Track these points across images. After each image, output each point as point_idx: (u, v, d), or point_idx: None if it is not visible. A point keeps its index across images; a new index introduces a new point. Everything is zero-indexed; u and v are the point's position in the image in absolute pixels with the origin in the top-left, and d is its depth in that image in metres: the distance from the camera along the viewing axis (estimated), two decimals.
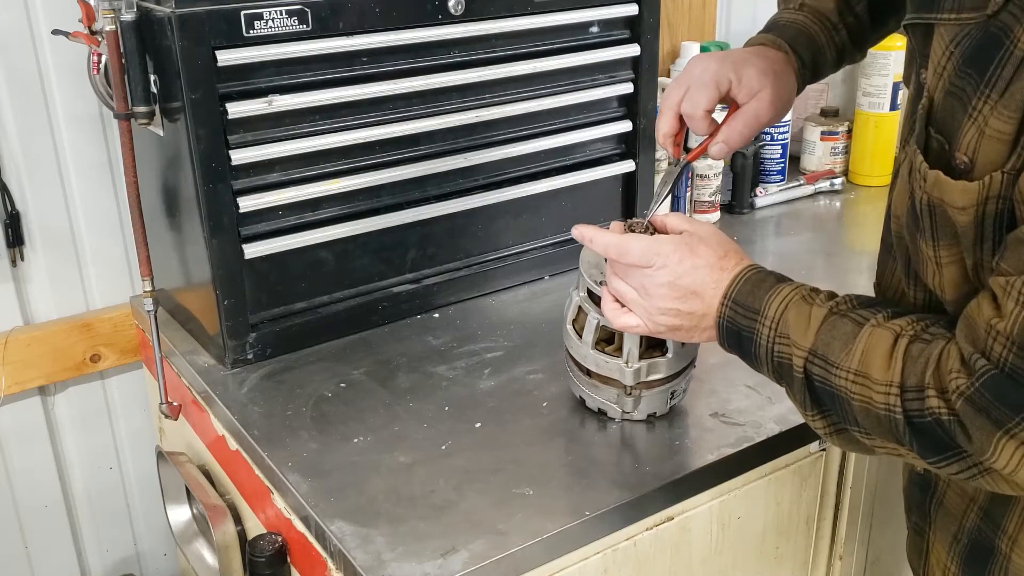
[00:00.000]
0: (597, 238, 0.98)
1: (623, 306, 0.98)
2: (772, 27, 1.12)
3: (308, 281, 1.29)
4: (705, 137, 1.05)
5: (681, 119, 1.06)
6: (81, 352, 1.50)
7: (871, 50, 1.84)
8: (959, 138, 0.75)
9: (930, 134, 0.79)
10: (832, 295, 0.87)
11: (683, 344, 1.06)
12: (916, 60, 0.85)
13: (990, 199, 0.74)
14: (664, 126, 1.07)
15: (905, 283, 0.90)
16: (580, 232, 0.99)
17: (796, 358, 0.84)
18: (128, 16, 1.12)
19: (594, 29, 1.42)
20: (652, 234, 0.98)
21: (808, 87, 1.29)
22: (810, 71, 1.09)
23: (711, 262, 0.93)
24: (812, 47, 1.09)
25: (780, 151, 1.87)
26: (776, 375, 0.88)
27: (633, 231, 1.00)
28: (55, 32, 1.23)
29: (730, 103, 1.06)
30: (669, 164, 1.09)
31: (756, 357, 0.89)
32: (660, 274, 0.93)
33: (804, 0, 1.12)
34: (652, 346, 1.07)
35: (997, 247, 0.75)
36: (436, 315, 1.39)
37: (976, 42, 0.74)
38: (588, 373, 1.10)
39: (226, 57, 1.12)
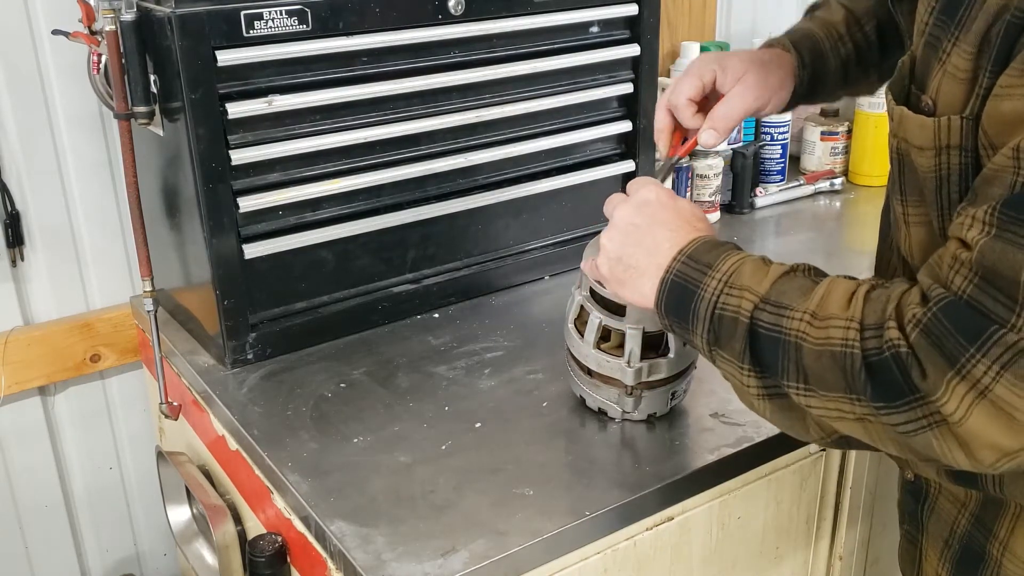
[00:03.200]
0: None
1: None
2: (781, 35, 1.13)
3: (308, 281, 1.29)
4: (696, 130, 1.06)
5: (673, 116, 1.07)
6: (81, 352, 1.50)
7: None
8: (929, 83, 0.76)
9: (911, 90, 0.80)
10: (788, 264, 0.84)
11: (685, 344, 1.06)
12: (907, 45, 0.86)
13: (951, 148, 0.74)
14: (657, 122, 1.08)
15: (901, 271, 0.89)
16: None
17: (745, 302, 0.80)
18: (128, 16, 1.12)
19: (594, 29, 1.42)
20: None
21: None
22: (809, 71, 1.08)
23: (681, 213, 0.91)
24: (814, 50, 1.09)
25: (780, 151, 1.87)
26: (712, 336, 0.83)
27: None
28: (55, 32, 1.23)
29: (719, 95, 1.06)
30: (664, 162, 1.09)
31: (695, 314, 0.84)
32: (630, 201, 0.92)
33: (816, 12, 1.13)
34: (654, 346, 1.07)
35: None
36: (436, 315, 1.39)
37: None
38: (589, 372, 1.10)
39: (226, 57, 1.12)
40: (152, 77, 1.17)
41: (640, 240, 0.90)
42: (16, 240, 1.42)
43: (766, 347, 0.79)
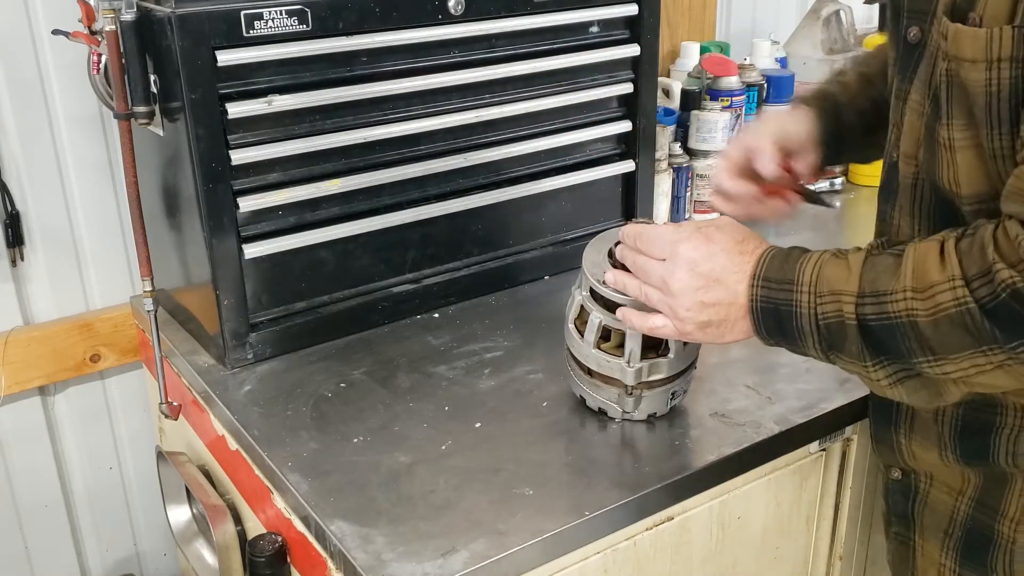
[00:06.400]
0: (625, 228, 0.99)
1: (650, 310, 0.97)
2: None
3: (308, 281, 1.29)
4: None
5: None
6: (81, 352, 1.50)
7: (871, 50, 1.85)
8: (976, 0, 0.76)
9: (956, 5, 0.79)
10: (860, 248, 0.85)
11: (684, 344, 1.06)
12: (901, 20, 0.87)
13: (1001, 61, 0.73)
14: (734, 187, 1.09)
15: (905, 228, 0.90)
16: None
17: (846, 307, 0.81)
18: (128, 16, 1.12)
19: (594, 29, 1.42)
20: None
21: (808, 87, 1.28)
22: (832, 120, 1.11)
23: (728, 247, 0.91)
24: (829, 102, 1.12)
25: None
26: (826, 344, 0.84)
27: None
28: (55, 32, 1.23)
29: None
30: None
31: (800, 331, 0.85)
32: (677, 264, 0.91)
33: (832, 77, 1.17)
34: (654, 346, 1.07)
35: (1015, 131, 0.74)
36: (436, 315, 1.39)
37: None
38: (589, 372, 1.10)
39: (226, 57, 1.12)
40: (152, 77, 1.17)
41: (712, 291, 0.90)
42: (16, 240, 1.42)
43: (883, 337, 0.80)
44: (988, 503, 0.88)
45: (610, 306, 1.05)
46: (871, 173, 1.92)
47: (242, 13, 1.11)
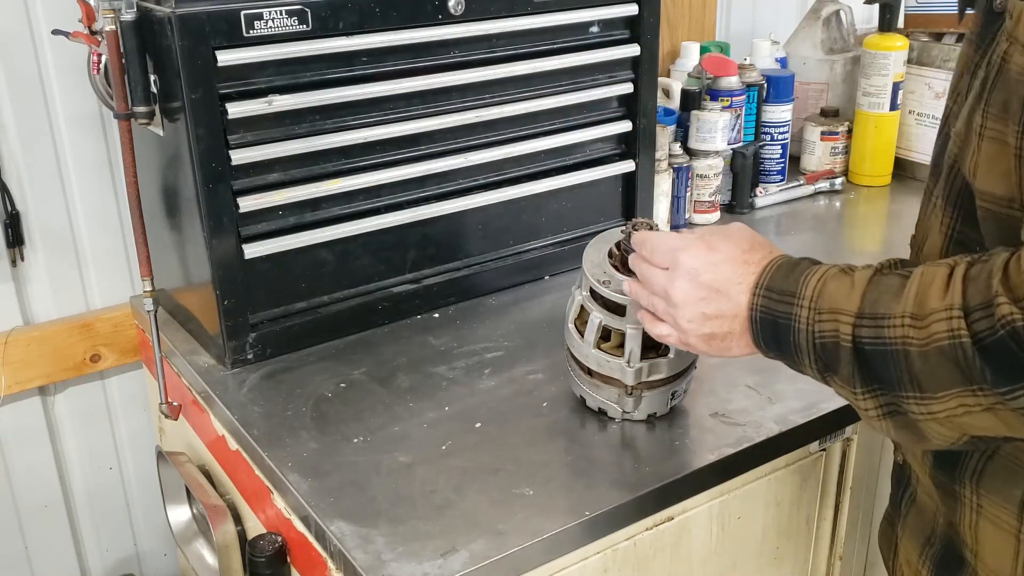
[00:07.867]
0: (635, 235, 0.96)
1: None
2: None
3: (308, 281, 1.29)
4: None
5: None
6: (81, 352, 1.50)
7: (871, 50, 1.85)
8: None
9: None
10: (870, 265, 0.80)
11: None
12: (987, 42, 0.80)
13: None
14: None
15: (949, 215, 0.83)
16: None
17: (843, 326, 0.76)
18: (128, 16, 1.12)
19: (594, 29, 1.42)
20: None
21: (808, 87, 1.26)
22: None
23: (733, 256, 0.87)
24: None
25: (780, 151, 1.87)
26: (821, 364, 0.79)
27: (636, 230, 0.99)
28: (55, 32, 1.23)
29: None
30: None
31: (796, 347, 0.81)
32: (678, 274, 0.89)
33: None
34: (654, 346, 1.07)
35: None
36: (436, 315, 1.39)
37: None
38: (589, 372, 1.10)
39: (226, 57, 1.12)
40: (152, 77, 1.17)
41: (714, 302, 0.87)
42: (16, 240, 1.42)
43: (876, 364, 0.74)
44: (955, 526, 0.83)
45: (610, 306, 1.05)
46: (871, 173, 1.92)
47: (242, 13, 1.11)
